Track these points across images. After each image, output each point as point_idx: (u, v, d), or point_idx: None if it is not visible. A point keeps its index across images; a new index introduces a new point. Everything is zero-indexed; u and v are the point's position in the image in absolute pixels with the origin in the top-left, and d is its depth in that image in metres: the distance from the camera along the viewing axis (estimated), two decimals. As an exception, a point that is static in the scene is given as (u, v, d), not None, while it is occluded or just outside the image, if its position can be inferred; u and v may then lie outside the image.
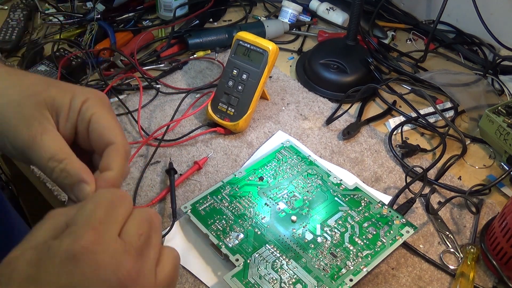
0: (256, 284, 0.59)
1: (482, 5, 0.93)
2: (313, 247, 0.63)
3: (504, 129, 0.76)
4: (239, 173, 0.73)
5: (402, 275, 0.64)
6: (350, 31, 0.93)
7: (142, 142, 0.79)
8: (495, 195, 0.75)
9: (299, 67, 0.97)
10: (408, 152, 0.80)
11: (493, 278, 0.64)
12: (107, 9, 1.04)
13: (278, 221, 0.67)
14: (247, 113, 0.80)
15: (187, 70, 0.96)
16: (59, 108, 0.36)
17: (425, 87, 0.91)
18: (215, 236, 0.64)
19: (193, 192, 0.74)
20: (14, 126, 0.34)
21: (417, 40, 1.07)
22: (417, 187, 0.73)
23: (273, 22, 1.05)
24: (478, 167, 0.80)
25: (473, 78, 0.90)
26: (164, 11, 1.07)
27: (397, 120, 0.86)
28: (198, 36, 0.98)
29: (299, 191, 0.71)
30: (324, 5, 1.11)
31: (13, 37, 0.98)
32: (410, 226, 0.66)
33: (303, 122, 0.86)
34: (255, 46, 0.80)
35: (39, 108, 0.35)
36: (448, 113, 0.87)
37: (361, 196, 0.70)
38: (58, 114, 0.36)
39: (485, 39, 1.00)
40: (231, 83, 0.82)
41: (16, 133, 0.34)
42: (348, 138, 0.83)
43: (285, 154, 0.77)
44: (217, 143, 0.81)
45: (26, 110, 0.35)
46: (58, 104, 0.36)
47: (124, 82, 0.91)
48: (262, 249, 0.63)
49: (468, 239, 0.69)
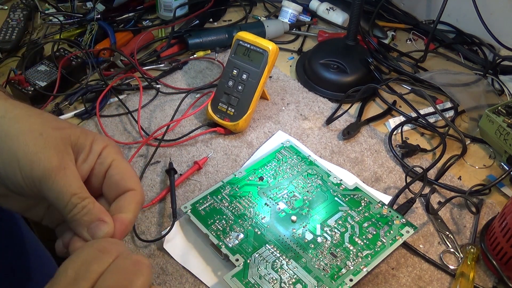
0: (256, 284, 0.59)
1: (482, 5, 0.93)
2: (313, 247, 0.63)
3: (504, 129, 0.76)
4: (239, 173, 0.73)
5: (402, 275, 0.64)
6: (350, 31, 0.93)
7: (142, 142, 0.79)
8: (495, 195, 0.75)
9: (299, 67, 0.97)
10: (408, 152, 0.80)
11: (493, 278, 0.64)
12: (107, 9, 1.04)
13: (278, 221, 0.67)
14: (247, 113, 0.80)
15: (187, 70, 0.96)
16: (80, 148, 0.36)
17: (425, 87, 0.91)
18: (215, 236, 0.64)
19: (193, 192, 0.74)
20: (34, 154, 0.33)
21: (417, 40, 1.07)
22: (417, 187, 0.73)
23: (273, 22, 1.05)
24: (478, 167, 0.80)
25: (473, 78, 0.90)
26: (164, 11, 1.07)
27: (397, 120, 0.86)
28: (198, 36, 0.98)
29: (299, 191, 0.71)
30: (324, 5, 1.11)
31: (13, 37, 0.98)
32: (410, 226, 0.66)
33: (303, 122, 0.86)
34: (255, 46, 0.80)
35: (63, 143, 0.35)
36: (448, 113, 0.87)
37: (361, 196, 0.70)
38: (79, 154, 0.36)
39: (485, 39, 1.00)
40: (231, 83, 0.82)
41: (34, 162, 0.33)
42: (348, 138, 0.83)
43: (285, 154, 0.77)
44: (217, 143, 0.81)
45: (50, 141, 0.34)
46: (80, 144, 0.36)
47: (124, 82, 0.91)
48: (262, 249, 0.63)
49: (468, 239, 0.69)
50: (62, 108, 0.85)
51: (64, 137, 0.35)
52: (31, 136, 0.34)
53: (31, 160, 0.33)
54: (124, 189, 0.36)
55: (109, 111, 0.86)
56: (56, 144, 0.34)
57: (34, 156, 0.33)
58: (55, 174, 0.33)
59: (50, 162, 0.33)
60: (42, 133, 0.34)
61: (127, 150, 0.79)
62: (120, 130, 0.83)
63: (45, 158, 0.33)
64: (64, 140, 0.35)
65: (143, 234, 0.68)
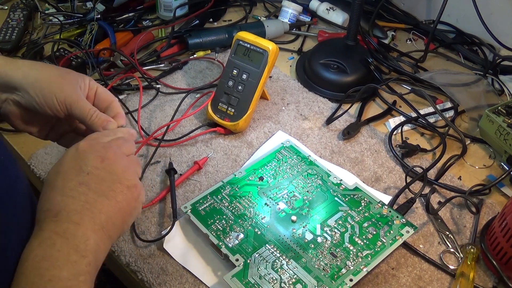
0: (256, 284, 0.59)
1: (482, 5, 0.93)
2: (313, 247, 0.63)
3: (504, 129, 0.76)
4: (239, 173, 0.73)
5: (402, 275, 0.64)
6: (350, 31, 0.93)
7: (142, 142, 0.79)
8: (495, 195, 0.75)
9: (299, 67, 0.97)
10: (408, 152, 0.80)
11: (493, 278, 0.64)
12: (107, 9, 1.04)
13: (278, 221, 0.67)
14: (247, 113, 0.80)
15: (187, 70, 0.96)
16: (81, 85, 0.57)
17: (425, 87, 0.91)
18: (215, 236, 0.64)
19: (193, 192, 0.74)
20: (61, 89, 0.55)
21: (417, 40, 1.07)
22: (417, 187, 0.73)
23: (273, 22, 1.05)
24: (478, 167, 0.80)
25: (473, 78, 0.90)
26: (164, 11, 1.07)
27: (397, 120, 0.86)
28: (198, 36, 0.98)
29: (299, 191, 0.71)
30: (324, 5, 1.11)
31: (13, 37, 0.98)
32: (410, 226, 0.66)
33: (303, 122, 0.86)
34: (255, 46, 0.80)
35: (76, 82, 0.56)
36: (448, 113, 0.87)
37: (361, 196, 0.70)
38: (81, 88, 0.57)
39: (485, 39, 1.00)
40: (231, 83, 0.82)
41: (63, 93, 0.55)
42: (348, 138, 0.83)
43: (285, 154, 0.77)
44: (217, 143, 0.81)
45: (68, 81, 0.56)
46: (80, 82, 0.57)
47: (124, 82, 0.91)
48: (262, 249, 0.63)
49: (468, 239, 0.69)
50: (62, 108, 0.85)
51: (73, 79, 0.57)
52: (57, 79, 0.55)
53: (61, 93, 0.55)
54: (109, 100, 0.58)
55: (109, 111, 0.86)
56: (73, 83, 0.56)
57: (63, 90, 0.55)
58: (77, 101, 0.55)
59: (74, 94, 0.55)
60: (62, 76, 0.56)
61: (127, 150, 0.79)
62: (120, 130, 0.83)
63: (70, 92, 0.55)
64: (75, 80, 0.57)
65: (143, 234, 0.68)
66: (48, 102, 0.54)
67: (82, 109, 0.55)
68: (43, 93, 0.54)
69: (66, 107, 0.55)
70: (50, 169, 0.50)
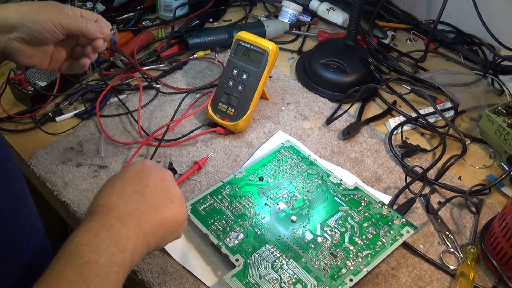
0: (256, 284, 0.59)
1: (482, 5, 0.93)
2: (313, 247, 0.63)
3: (504, 129, 0.76)
4: (239, 173, 0.73)
5: (402, 275, 0.64)
6: (350, 31, 0.93)
7: (142, 142, 0.79)
8: (495, 195, 0.75)
9: (299, 67, 0.97)
10: (408, 152, 0.80)
11: (493, 278, 0.64)
12: (107, 9, 1.04)
13: (278, 221, 0.67)
14: (247, 113, 0.80)
15: (187, 70, 0.96)
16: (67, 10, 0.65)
17: (425, 87, 0.91)
18: (215, 236, 0.64)
19: (193, 192, 0.74)
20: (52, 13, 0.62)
21: (417, 40, 1.07)
22: (417, 187, 0.73)
23: (273, 22, 1.05)
24: (478, 167, 0.80)
25: (473, 78, 0.90)
26: (164, 11, 1.07)
27: (397, 120, 0.86)
28: (198, 36, 0.98)
29: (299, 191, 0.71)
30: (324, 5, 1.11)
31: (13, 37, 0.98)
32: (410, 226, 0.66)
33: (303, 122, 0.86)
34: (255, 46, 0.80)
35: (61, 6, 0.64)
36: (448, 113, 0.87)
37: (361, 196, 0.70)
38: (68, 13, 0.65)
39: (485, 39, 1.00)
40: (231, 83, 0.82)
41: (55, 16, 0.62)
42: (348, 138, 0.83)
43: (285, 154, 0.77)
44: (217, 143, 0.81)
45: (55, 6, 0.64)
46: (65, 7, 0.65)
47: (124, 82, 0.91)
48: (262, 249, 0.63)
49: (468, 239, 0.69)
50: (62, 108, 0.85)
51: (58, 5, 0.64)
52: (46, 8, 0.63)
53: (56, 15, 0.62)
54: (94, 16, 0.66)
55: (109, 111, 0.86)
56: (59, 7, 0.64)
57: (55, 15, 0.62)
58: (69, 18, 0.63)
59: (63, 14, 0.63)
60: (50, 5, 0.64)
61: (127, 150, 0.79)
62: (120, 130, 0.83)
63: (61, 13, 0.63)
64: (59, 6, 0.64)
65: (143, 234, 0.68)
66: (45, 27, 0.62)
67: (76, 22, 0.64)
68: (38, 21, 0.61)
69: (62, 26, 0.62)
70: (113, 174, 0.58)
